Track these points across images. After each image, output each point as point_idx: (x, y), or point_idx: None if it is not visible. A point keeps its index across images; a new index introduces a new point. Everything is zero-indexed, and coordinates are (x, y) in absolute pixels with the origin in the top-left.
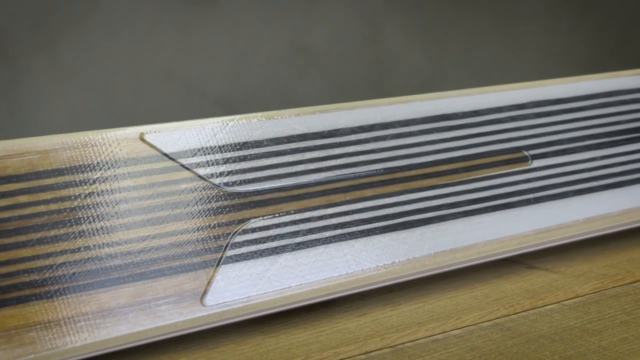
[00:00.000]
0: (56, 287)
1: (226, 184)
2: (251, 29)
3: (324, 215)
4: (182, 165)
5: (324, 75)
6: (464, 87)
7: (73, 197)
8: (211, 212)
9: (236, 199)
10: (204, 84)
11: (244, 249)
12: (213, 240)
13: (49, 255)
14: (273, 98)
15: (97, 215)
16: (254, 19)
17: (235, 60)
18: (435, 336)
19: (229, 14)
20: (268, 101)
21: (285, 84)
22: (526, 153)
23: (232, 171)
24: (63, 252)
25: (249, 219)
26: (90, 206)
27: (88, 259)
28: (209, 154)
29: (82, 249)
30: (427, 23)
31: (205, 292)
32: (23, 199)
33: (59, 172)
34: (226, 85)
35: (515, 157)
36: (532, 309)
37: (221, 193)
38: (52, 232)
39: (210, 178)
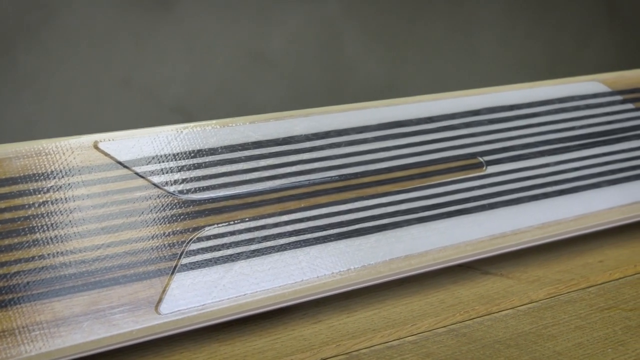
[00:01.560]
0: (10, 297)
1: (181, 192)
2: (208, 35)
3: (279, 223)
4: (137, 174)
5: (282, 82)
6: (421, 93)
7: (27, 206)
8: (166, 220)
9: (191, 207)
10: (161, 92)
11: (199, 257)
12: (168, 248)
13: (2, 264)
14: (231, 105)
15: (51, 224)
16: (211, 26)
17: (193, 67)
18: (390, 342)
19: (185, 20)
20: (226, 108)
21: (243, 91)
22: (481, 159)
23: (186, 179)
24: (17, 261)
25: (204, 226)
26: (44, 215)
27: (42, 267)
28: (163, 162)
29: (36, 257)
30: (384, 30)
31: (160, 300)
32: None
33: (13, 180)
34: (183, 93)
35: (470, 163)
36: (487, 315)
37: (176, 201)
38: (6, 241)
39: (164, 186)
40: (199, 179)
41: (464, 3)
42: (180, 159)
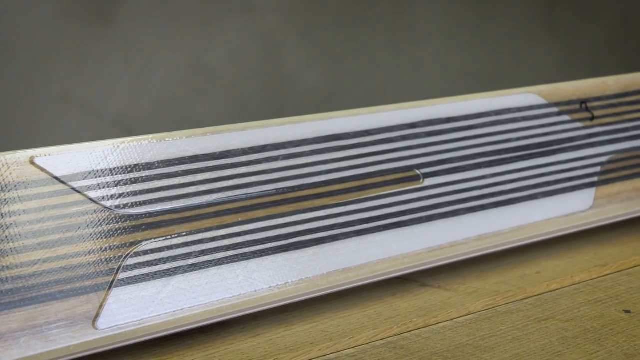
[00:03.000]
0: None
1: (118, 207)
2: (148, 48)
3: (217, 237)
4: (73, 189)
5: (223, 95)
6: (363, 106)
7: None
8: (103, 235)
9: (128, 222)
10: (101, 106)
11: (136, 272)
12: (105, 263)
13: None
14: (172, 118)
15: None
16: (151, 39)
17: (133, 81)
18: (328, 356)
19: (125, 33)
20: (167, 121)
21: (184, 104)
22: (418, 172)
23: (123, 194)
24: None
25: (141, 241)
26: None
27: None
28: (100, 176)
29: None
30: (324, 42)
31: (97, 316)
32: None
33: None
34: (124, 107)
35: (407, 176)
36: (425, 327)
37: (113, 216)
38: None
39: (101, 201)
40: (135, 193)
41: (404, 15)
42: (117, 174)
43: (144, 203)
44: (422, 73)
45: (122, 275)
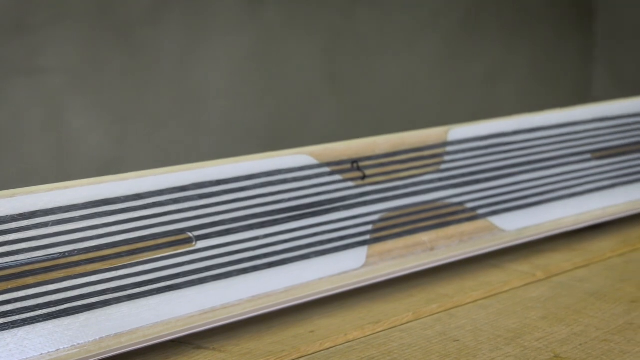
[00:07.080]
0: None
1: None
2: None
3: None
4: None
5: (5, 157)
6: (149, 167)
7: None
8: None
9: None
10: None
11: None
12: None
13: None
14: None
15: None
16: None
17: None
18: None
19: None
20: None
21: None
22: (190, 234)
23: None
24: None
25: None
26: None
27: None
28: None
29: None
30: (109, 103)
31: None
32: None
33: None
34: None
35: (179, 239)
36: None
37: None
38: None
39: None
40: None
41: (189, 74)
42: None
43: None
44: (208, 133)
45: None
